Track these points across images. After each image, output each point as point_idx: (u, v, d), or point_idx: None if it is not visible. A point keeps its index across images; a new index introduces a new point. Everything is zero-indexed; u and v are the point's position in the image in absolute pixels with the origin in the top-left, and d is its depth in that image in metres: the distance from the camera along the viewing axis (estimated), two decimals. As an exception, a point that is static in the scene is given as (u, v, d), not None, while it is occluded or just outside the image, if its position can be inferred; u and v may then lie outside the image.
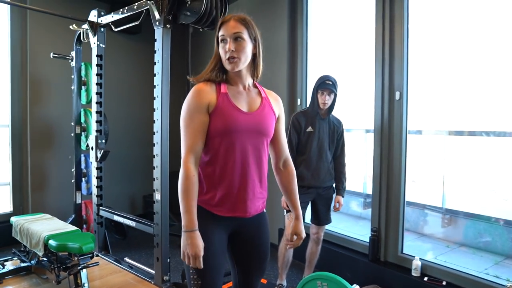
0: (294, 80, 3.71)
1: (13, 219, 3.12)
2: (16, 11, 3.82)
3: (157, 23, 2.71)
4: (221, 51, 1.48)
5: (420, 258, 2.77)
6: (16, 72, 3.89)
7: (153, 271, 2.90)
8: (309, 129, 2.74)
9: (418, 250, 3.30)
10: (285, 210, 2.74)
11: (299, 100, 3.67)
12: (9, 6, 3.76)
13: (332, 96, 2.70)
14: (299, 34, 3.67)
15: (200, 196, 1.48)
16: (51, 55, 3.50)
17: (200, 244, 1.39)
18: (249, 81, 1.55)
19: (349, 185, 4.52)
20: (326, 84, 2.67)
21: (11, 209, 3.97)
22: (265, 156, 1.55)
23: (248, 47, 1.47)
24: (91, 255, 2.57)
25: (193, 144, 1.43)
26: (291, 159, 1.70)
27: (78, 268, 2.49)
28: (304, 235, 1.67)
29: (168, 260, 2.85)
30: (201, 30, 2.84)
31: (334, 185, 2.86)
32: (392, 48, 2.94)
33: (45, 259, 2.80)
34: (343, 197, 2.84)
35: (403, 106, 2.88)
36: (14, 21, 3.85)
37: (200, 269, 1.41)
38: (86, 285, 2.51)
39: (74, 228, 2.82)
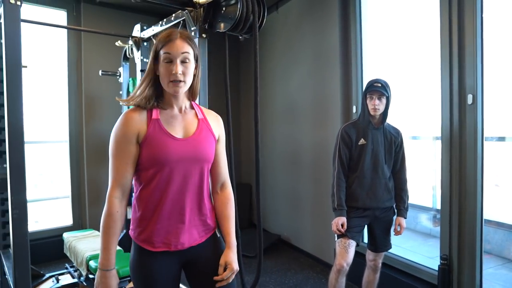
0: (348, 86, 3.36)
1: (64, 235, 3.18)
2: (72, 34, 3.99)
3: (193, 33, 2.57)
4: (164, 71, 1.33)
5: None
6: (73, 90, 4.05)
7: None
8: (361, 141, 2.39)
9: (503, 281, 2.76)
10: (335, 235, 2.42)
11: (354, 108, 3.31)
12: (66, 30, 3.93)
13: (384, 100, 2.33)
14: (352, 35, 3.32)
15: (135, 233, 1.41)
16: (100, 73, 3.55)
17: (113, 284, 1.34)
18: (185, 103, 1.44)
19: (417, 198, 4.02)
20: (374, 87, 2.32)
21: (72, 222, 4.11)
22: (205, 183, 1.43)
23: (193, 69, 1.37)
24: (129, 278, 2.48)
25: (120, 177, 1.32)
26: (229, 182, 1.57)
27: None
28: (236, 266, 1.43)
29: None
30: (240, 37, 2.66)
31: (394, 205, 2.48)
32: (461, 43, 2.48)
33: (90, 276, 2.79)
34: (405, 218, 2.44)
35: (477, 111, 2.41)
36: (70, 43, 4.03)
37: None
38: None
39: (117, 248, 2.77)
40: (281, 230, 4.42)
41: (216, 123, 1.51)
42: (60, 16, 3.99)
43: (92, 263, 2.51)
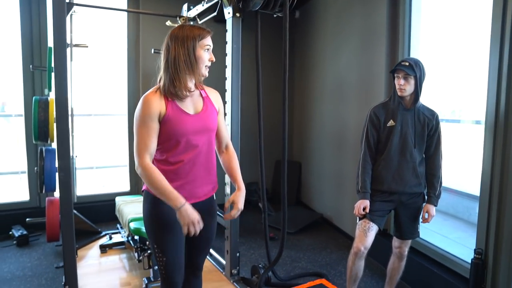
0: (394, 65, 3.19)
1: (116, 199, 3.54)
2: (131, 15, 4.28)
3: (228, 12, 2.64)
4: (205, 58, 1.64)
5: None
6: (132, 68, 4.37)
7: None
8: (390, 123, 2.29)
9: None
10: (357, 218, 2.39)
11: (398, 88, 3.15)
12: (126, 13, 4.23)
13: (411, 80, 2.19)
14: (401, 12, 3.12)
15: None
16: (152, 51, 3.78)
17: (194, 211, 1.57)
18: (192, 86, 1.68)
19: (474, 188, 3.76)
20: (399, 65, 2.20)
21: (129, 188, 4.53)
22: (213, 148, 1.77)
23: None
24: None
25: (148, 147, 1.58)
26: (231, 143, 1.88)
27: (149, 252, 2.65)
28: (241, 206, 1.74)
29: (238, 254, 2.83)
30: (275, 16, 2.66)
31: (424, 191, 2.37)
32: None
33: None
34: (435, 206, 2.31)
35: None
36: (130, 24, 4.33)
37: (164, 248, 1.66)
38: (155, 267, 2.66)
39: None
40: (325, 209, 4.42)
41: (216, 98, 1.80)
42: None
43: (132, 224, 2.79)
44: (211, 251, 3.27)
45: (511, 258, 2.28)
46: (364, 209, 2.29)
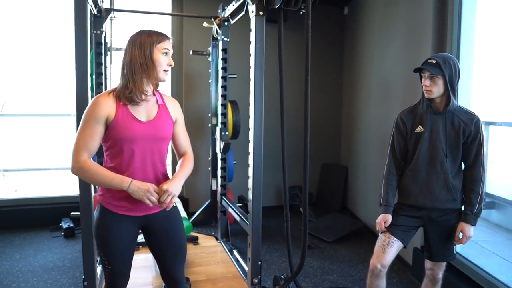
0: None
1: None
2: (175, 18, 4.36)
3: (251, 11, 2.54)
4: (162, 61, 1.61)
5: None
6: (175, 69, 4.45)
7: (248, 270, 2.84)
8: (418, 129, 2.02)
9: None
10: (379, 232, 2.15)
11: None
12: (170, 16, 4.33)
13: (438, 80, 1.91)
14: (450, 4, 2.77)
15: (104, 197, 1.65)
16: (190, 52, 3.81)
17: (144, 183, 1.57)
18: (149, 90, 1.66)
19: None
20: (424, 64, 1.94)
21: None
22: (163, 157, 1.72)
23: None
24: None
25: (88, 147, 1.56)
26: (190, 150, 1.85)
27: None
28: (171, 189, 1.59)
29: (260, 262, 2.72)
30: (301, 13, 2.50)
31: (462, 208, 2.06)
32: None
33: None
34: (472, 225, 1.98)
35: None
36: (174, 26, 4.43)
37: (109, 257, 1.65)
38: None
39: (182, 215, 3.04)
40: (369, 217, 4.14)
41: (174, 108, 1.77)
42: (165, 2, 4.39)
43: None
44: (237, 255, 3.20)
45: None
46: (385, 223, 2.06)
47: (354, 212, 4.57)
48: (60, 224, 3.97)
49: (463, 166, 2.05)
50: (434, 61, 1.91)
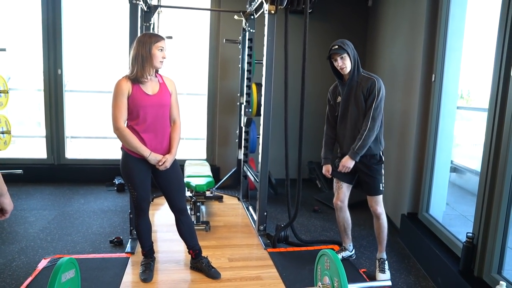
0: (431, 55, 3.29)
1: (186, 162, 4.36)
2: (214, 12, 5.01)
3: (265, 10, 3.10)
4: (158, 55, 2.30)
5: (508, 284, 2.07)
6: (212, 54, 5.15)
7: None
8: (339, 99, 2.73)
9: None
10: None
11: (433, 76, 3.24)
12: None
13: (346, 58, 2.54)
14: (441, 3, 3.18)
15: (126, 148, 2.39)
16: (224, 40, 4.45)
17: (158, 155, 2.36)
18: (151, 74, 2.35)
19: None
20: (331, 51, 2.57)
21: (205, 157, 5.38)
22: (166, 118, 2.43)
23: None
24: (205, 194, 3.43)
25: (122, 114, 2.31)
26: (179, 119, 2.51)
27: (192, 201, 3.39)
28: (168, 160, 2.39)
29: (265, 213, 3.37)
30: (310, 11, 3.01)
31: (378, 153, 2.68)
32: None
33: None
34: (352, 159, 2.61)
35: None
36: (212, 18, 5.11)
37: (134, 185, 2.41)
38: (197, 214, 3.39)
39: (207, 173, 3.75)
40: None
41: (170, 84, 2.46)
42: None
43: (186, 180, 3.54)
44: (252, 211, 3.87)
45: (493, 243, 2.35)
46: (328, 171, 2.81)
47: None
48: (114, 181, 4.86)
49: None
50: (336, 46, 2.54)
